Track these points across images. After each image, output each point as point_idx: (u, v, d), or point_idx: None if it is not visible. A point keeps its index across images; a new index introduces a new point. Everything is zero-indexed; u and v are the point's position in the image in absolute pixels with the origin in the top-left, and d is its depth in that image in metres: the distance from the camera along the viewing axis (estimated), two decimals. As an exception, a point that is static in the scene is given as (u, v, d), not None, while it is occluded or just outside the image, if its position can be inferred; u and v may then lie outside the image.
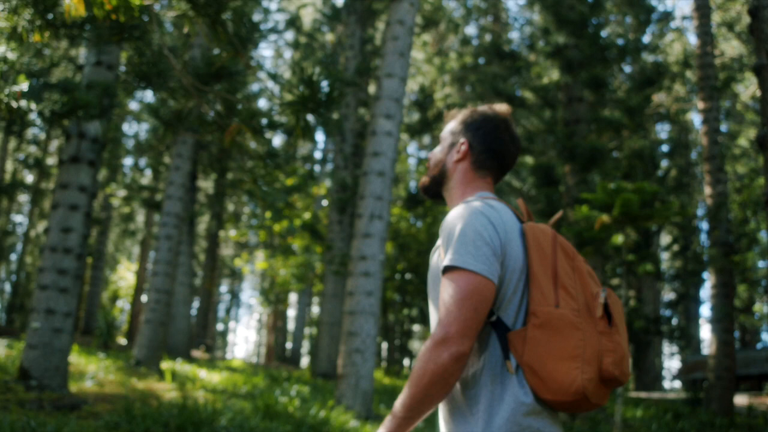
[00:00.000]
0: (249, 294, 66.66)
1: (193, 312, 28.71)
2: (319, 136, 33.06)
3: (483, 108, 2.76)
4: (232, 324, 66.22)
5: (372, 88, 25.25)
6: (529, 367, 2.20)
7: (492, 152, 2.66)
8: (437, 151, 2.79)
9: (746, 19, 23.20)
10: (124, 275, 41.73)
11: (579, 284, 2.34)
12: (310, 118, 5.22)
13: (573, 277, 2.36)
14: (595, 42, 16.81)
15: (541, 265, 2.34)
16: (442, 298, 2.24)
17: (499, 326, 2.30)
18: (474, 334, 2.21)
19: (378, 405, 13.17)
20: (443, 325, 2.19)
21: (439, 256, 2.43)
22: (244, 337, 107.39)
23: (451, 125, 2.79)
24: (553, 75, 20.60)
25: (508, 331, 2.28)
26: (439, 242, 2.46)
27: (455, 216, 2.38)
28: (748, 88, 23.90)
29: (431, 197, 2.83)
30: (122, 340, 31.17)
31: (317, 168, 34.09)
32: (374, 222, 12.30)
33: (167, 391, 12.01)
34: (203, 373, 15.73)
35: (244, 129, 4.73)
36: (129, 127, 33.70)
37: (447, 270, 2.27)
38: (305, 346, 41.46)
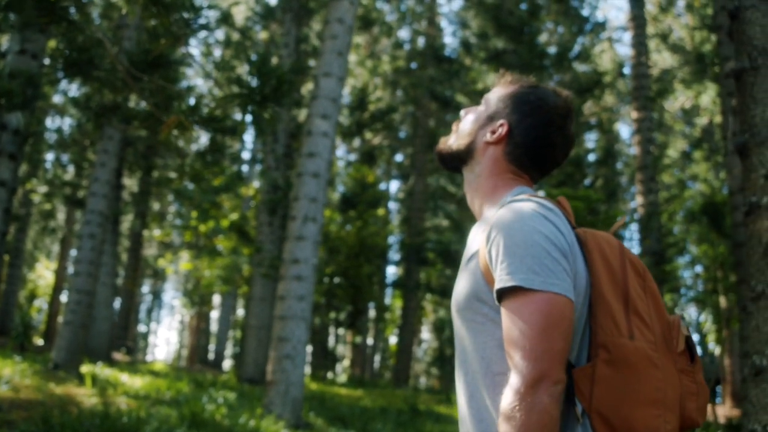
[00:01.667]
0: (172, 295, 65.64)
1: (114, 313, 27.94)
2: (248, 136, 32.55)
3: (545, 90, 2.17)
4: (153, 325, 65.12)
5: (305, 89, 24.93)
6: (598, 414, 1.74)
7: (532, 151, 2.12)
8: (471, 118, 2.23)
9: (679, 32, 23.54)
10: (43, 274, 40.61)
11: (653, 310, 1.90)
12: (247, 113, 4.91)
13: (646, 300, 1.89)
14: (533, 48, 16.80)
15: (611, 285, 1.86)
16: (515, 331, 1.75)
17: None
18: (565, 367, 1.75)
19: (308, 413, 12.83)
20: (532, 363, 1.70)
21: (478, 272, 1.93)
22: (165, 338, 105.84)
23: (500, 92, 2.22)
24: (489, 80, 20.58)
25: (571, 368, 1.80)
26: (472, 254, 1.98)
27: (508, 220, 1.86)
28: (677, 100, 24.25)
29: (446, 168, 2.31)
30: (39, 341, 30.21)
31: (245, 168, 33.58)
32: (308, 224, 12.00)
33: (87, 396, 11.50)
34: (125, 378, 15.19)
35: (184, 122, 4.38)
36: (52, 121, 32.72)
37: (513, 292, 1.78)
38: (228, 348, 40.89)
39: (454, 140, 2.24)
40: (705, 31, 20.09)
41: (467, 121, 2.23)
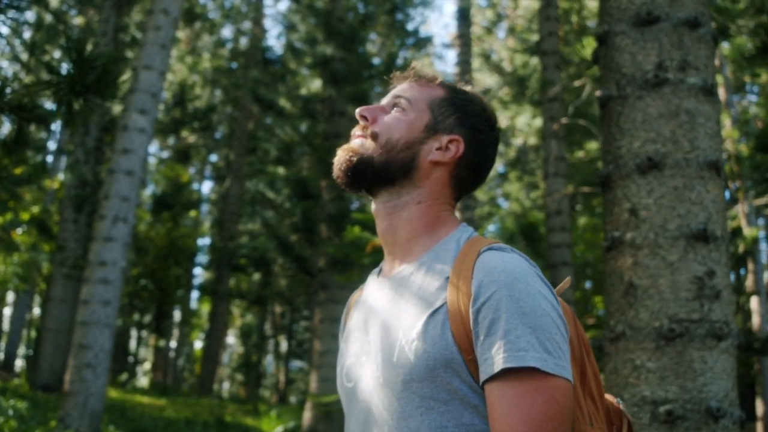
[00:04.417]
0: (-40, 289, 61.58)
1: None
2: (55, 125, 30.82)
3: (479, 96, 1.78)
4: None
5: (121, 80, 23.87)
6: None
7: (479, 174, 1.75)
8: (393, 124, 1.71)
9: (503, 53, 24.15)
10: None
11: (596, 392, 1.60)
12: (61, 103, 4.40)
13: (593, 379, 1.60)
14: (363, 57, 16.69)
15: (573, 362, 1.53)
16: (524, 423, 1.36)
17: None
18: None
19: (107, 425, 12.05)
20: None
21: (448, 335, 1.48)
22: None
23: (428, 94, 1.73)
24: (314, 86, 20.35)
25: None
26: (435, 309, 1.51)
27: (509, 278, 1.45)
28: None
29: (351, 186, 1.73)
30: None
31: (50, 158, 31.83)
32: (118, 225, 11.32)
33: None
34: None
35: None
36: None
37: (522, 373, 1.40)
38: (21, 349, 38.73)
39: (374, 151, 1.70)
40: (526, 54, 20.68)
41: (392, 128, 1.71)
